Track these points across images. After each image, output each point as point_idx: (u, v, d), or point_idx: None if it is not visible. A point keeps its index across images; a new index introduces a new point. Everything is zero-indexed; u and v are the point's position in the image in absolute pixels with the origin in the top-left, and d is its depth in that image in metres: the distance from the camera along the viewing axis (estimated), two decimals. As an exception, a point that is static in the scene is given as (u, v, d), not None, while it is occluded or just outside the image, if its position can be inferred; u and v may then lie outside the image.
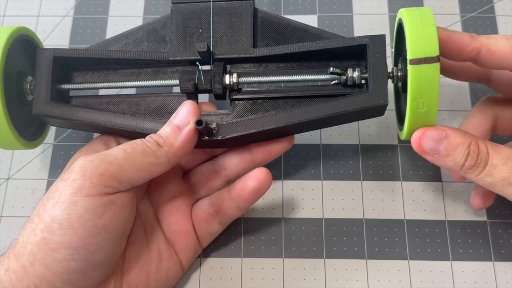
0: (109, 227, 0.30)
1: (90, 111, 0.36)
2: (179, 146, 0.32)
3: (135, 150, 0.31)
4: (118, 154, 0.31)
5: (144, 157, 0.31)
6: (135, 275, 0.34)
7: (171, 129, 0.33)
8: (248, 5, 0.37)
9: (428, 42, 0.31)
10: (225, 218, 0.37)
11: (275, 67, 0.37)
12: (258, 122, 0.35)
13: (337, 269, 0.39)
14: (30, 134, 0.38)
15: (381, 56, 0.34)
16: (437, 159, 0.32)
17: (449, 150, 0.31)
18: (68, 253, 0.29)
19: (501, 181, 0.31)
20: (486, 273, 0.38)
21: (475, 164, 0.31)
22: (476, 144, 0.31)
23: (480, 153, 0.31)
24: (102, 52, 0.37)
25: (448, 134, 0.32)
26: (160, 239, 0.36)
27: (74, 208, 0.29)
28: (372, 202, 0.41)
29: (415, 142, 0.32)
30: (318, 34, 0.36)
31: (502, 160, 0.31)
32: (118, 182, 0.30)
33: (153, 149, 0.32)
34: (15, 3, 0.49)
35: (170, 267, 0.36)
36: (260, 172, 0.35)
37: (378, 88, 0.34)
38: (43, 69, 0.36)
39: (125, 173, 0.31)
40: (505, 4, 0.46)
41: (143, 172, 0.32)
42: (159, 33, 0.38)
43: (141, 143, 0.32)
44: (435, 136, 0.32)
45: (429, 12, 0.32)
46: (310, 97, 0.36)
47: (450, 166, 0.32)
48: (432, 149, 0.32)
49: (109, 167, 0.30)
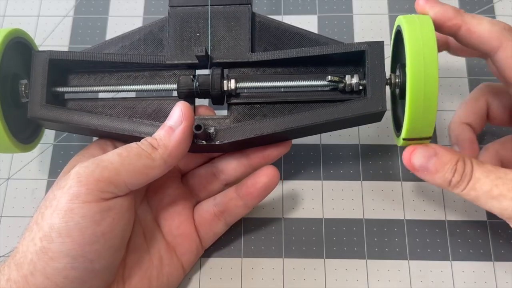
0: (107, 234, 0.30)
1: (86, 114, 0.36)
2: (174, 146, 0.32)
3: (130, 154, 0.31)
4: (113, 158, 0.31)
5: (139, 160, 0.31)
6: (137, 282, 0.34)
7: (164, 130, 0.33)
8: (246, 9, 0.37)
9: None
10: (230, 218, 0.37)
11: (273, 71, 0.37)
12: (256, 127, 0.35)
13: (337, 269, 0.39)
14: (25, 137, 0.37)
15: (380, 63, 0.34)
16: (427, 175, 0.33)
17: (438, 167, 0.32)
18: (67, 262, 0.29)
19: (483, 194, 0.31)
20: (486, 273, 0.38)
21: (460, 179, 0.32)
22: (462, 161, 0.32)
23: (466, 168, 0.32)
24: (98, 55, 0.36)
25: (437, 151, 0.32)
26: (160, 244, 0.36)
27: (71, 216, 0.29)
28: (372, 202, 0.41)
29: (405, 159, 0.33)
30: (316, 40, 0.36)
31: (484, 173, 0.31)
32: (115, 187, 0.30)
33: (148, 151, 0.32)
34: (15, 3, 0.49)
35: (171, 272, 0.36)
36: (269, 169, 0.36)
37: (377, 95, 0.34)
38: (38, 72, 0.36)
39: (121, 177, 0.30)
40: (505, 4, 0.46)
41: (140, 175, 0.31)
42: (156, 36, 0.37)
43: (136, 146, 0.32)
44: (425, 154, 0.32)
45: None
46: (308, 103, 0.36)
47: (439, 183, 0.33)
48: (422, 165, 0.32)
49: (105, 172, 0.30)
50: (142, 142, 0.32)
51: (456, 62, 0.45)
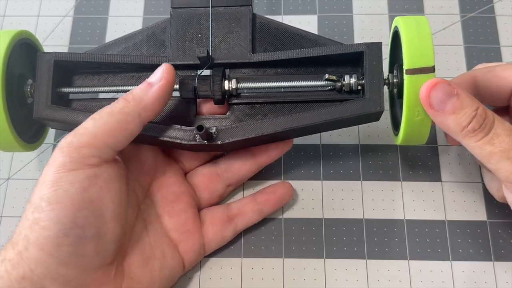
0: (96, 201, 0.31)
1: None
2: (149, 100, 0.33)
3: (102, 114, 0.32)
4: (87, 123, 0.32)
5: (112, 117, 0.32)
6: (138, 271, 0.34)
7: (142, 85, 0.33)
8: (247, 10, 0.37)
9: (424, 53, 0.31)
10: (242, 223, 0.38)
11: (273, 72, 0.37)
12: (257, 127, 0.35)
13: (337, 269, 0.39)
14: (29, 137, 0.38)
15: (378, 63, 0.34)
16: (440, 116, 0.31)
17: (456, 109, 0.30)
18: (59, 229, 0.29)
19: (500, 152, 0.30)
20: (486, 273, 0.38)
21: (479, 127, 0.30)
22: (484, 110, 0.31)
23: (486, 118, 0.30)
24: (102, 56, 0.37)
25: (459, 93, 0.31)
26: (163, 239, 0.36)
27: (60, 184, 0.30)
28: (372, 202, 0.41)
29: (425, 91, 0.31)
30: (316, 40, 0.37)
31: (506, 132, 0.30)
32: (97, 150, 0.31)
33: (119, 107, 0.32)
34: (15, 3, 0.49)
35: (174, 266, 0.36)
36: (286, 184, 0.39)
37: (375, 95, 0.34)
38: (43, 73, 0.36)
39: (99, 138, 0.31)
40: (505, 4, 0.46)
41: (117, 132, 0.32)
42: (158, 38, 0.38)
43: (107, 106, 0.33)
44: (446, 90, 0.30)
45: (425, 21, 0.33)
46: (307, 102, 0.37)
47: (451, 127, 0.31)
48: (440, 103, 0.30)
49: (82, 138, 0.31)
50: (116, 100, 0.33)
51: (456, 62, 0.45)
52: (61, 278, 0.30)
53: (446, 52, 0.45)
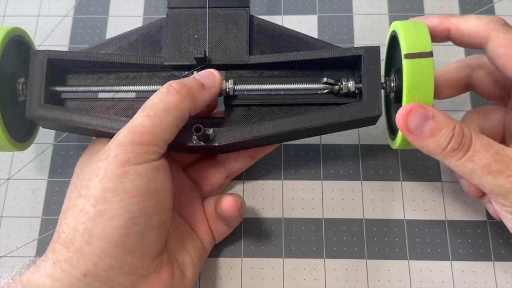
0: (160, 191, 0.31)
1: (84, 114, 0.36)
2: (200, 103, 0.33)
3: (156, 110, 0.32)
4: (143, 122, 0.31)
5: (168, 115, 0.32)
6: (179, 254, 0.35)
7: (194, 82, 0.33)
8: (244, 12, 0.37)
9: (421, 39, 0.32)
10: (230, 221, 0.38)
11: (270, 74, 0.37)
12: (254, 129, 0.35)
13: (337, 269, 0.39)
14: (20, 136, 0.37)
15: (376, 67, 0.34)
16: (419, 139, 0.31)
17: (434, 131, 0.31)
18: (128, 217, 0.30)
19: (481, 168, 0.30)
20: (486, 273, 0.38)
21: (458, 147, 0.30)
22: (460, 127, 0.31)
23: (464, 136, 0.31)
24: (96, 55, 0.37)
25: (434, 114, 0.31)
26: (183, 223, 0.37)
27: (127, 176, 0.30)
28: (372, 202, 0.41)
29: (401, 118, 0.31)
30: (313, 43, 0.37)
31: (484, 146, 0.30)
32: (158, 147, 0.31)
33: (174, 102, 0.32)
34: (15, 3, 0.49)
35: (201, 247, 0.37)
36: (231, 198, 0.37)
37: (373, 99, 0.34)
38: (36, 71, 0.36)
39: (159, 137, 0.31)
40: (505, 4, 0.46)
41: (173, 129, 0.32)
42: (154, 37, 0.37)
43: (158, 102, 0.32)
44: (422, 114, 0.31)
45: (422, 22, 0.33)
46: (304, 105, 0.36)
47: (431, 149, 0.31)
48: (417, 127, 0.31)
49: (144, 137, 0.31)
50: (167, 91, 0.32)
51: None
52: (128, 267, 0.30)
53: (446, 52, 0.45)
